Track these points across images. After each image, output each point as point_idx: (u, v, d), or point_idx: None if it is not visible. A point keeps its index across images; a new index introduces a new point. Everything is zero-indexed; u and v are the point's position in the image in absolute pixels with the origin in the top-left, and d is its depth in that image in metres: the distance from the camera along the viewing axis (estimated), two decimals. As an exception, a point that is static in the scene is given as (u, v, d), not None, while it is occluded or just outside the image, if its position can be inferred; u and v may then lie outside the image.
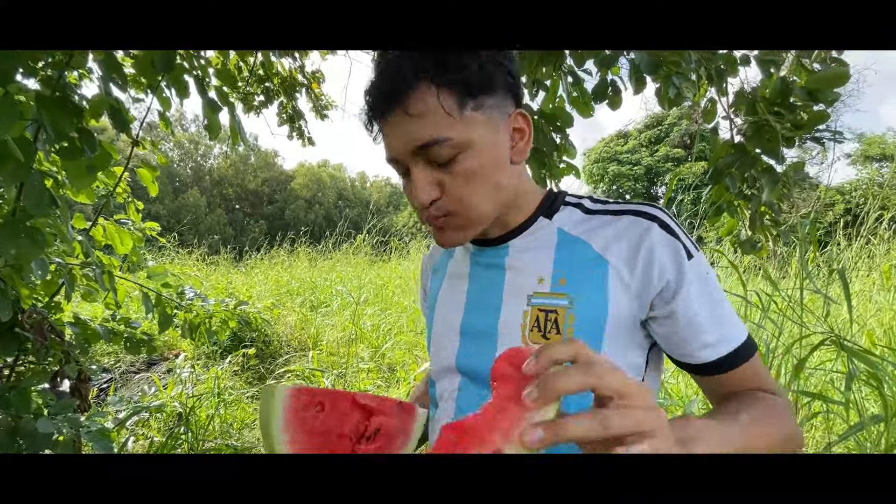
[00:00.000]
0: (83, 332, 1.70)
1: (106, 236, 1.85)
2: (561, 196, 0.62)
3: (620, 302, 0.53)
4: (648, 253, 0.52)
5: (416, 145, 0.50)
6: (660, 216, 0.55)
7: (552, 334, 0.54)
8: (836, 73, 1.18)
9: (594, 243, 0.56)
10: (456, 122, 0.50)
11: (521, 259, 0.59)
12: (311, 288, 4.81)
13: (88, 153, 0.94)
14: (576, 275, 0.55)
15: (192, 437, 1.87)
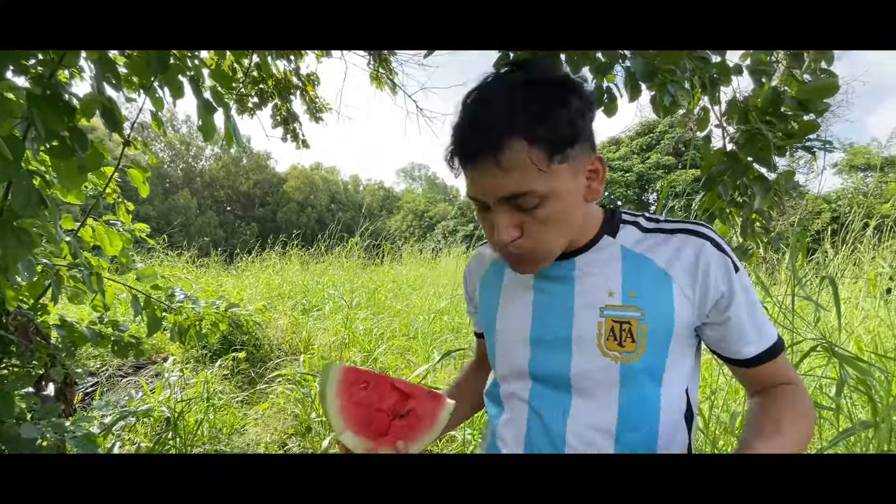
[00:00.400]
0: (69, 335, 1.67)
1: (95, 237, 1.82)
2: (619, 215, 0.67)
3: (683, 312, 0.60)
4: (706, 268, 0.59)
5: (502, 195, 0.54)
6: (711, 235, 0.62)
7: (627, 342, 0.60)
8: (825, 84, 1.20)
9: (657, 259, 0.62)
10: (542, 174, 0.53)
11: (589, 275, 0.64)
12: (303, 291, 4.77)
13: (79, 153, 0.92)
14: (644, 288, 0.61)
15: (181, 442, 1.84)
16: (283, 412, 2.36)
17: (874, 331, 1.91)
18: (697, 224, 0.63)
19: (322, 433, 2.08)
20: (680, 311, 0.60)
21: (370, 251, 6.75)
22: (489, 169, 0.53)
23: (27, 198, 0.96)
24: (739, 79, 1.29)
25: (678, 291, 0.60)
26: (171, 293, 1.97)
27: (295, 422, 2.22)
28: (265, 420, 2.30)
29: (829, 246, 2.41)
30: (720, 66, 1.21)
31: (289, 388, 2.38)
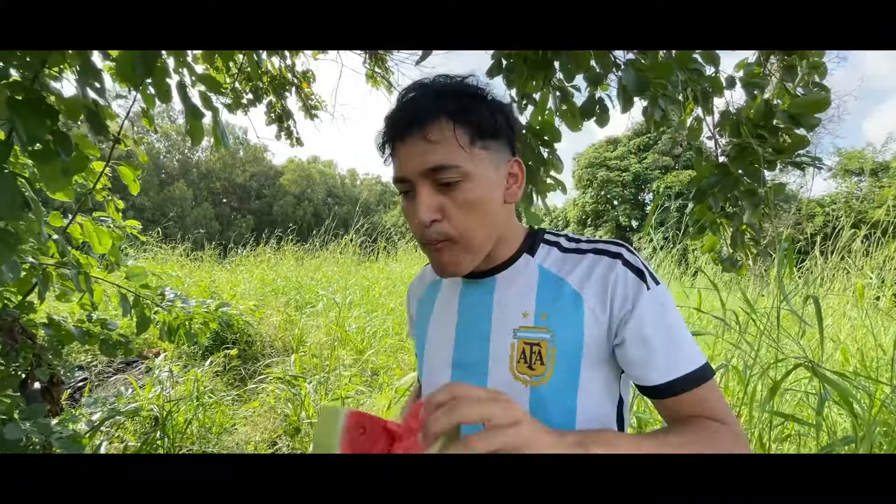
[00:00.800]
0: (56, 334, 1.65)
1: (84, 234, 1.81)
2: (540, 234, 0.68)
3: (593, 333, 0.59)
4: (613, 287, 0.59)
5: (427, 167, 0.56)
6: (623, 253, 0.61)
7: (537, 365, 0.60)
8: (817, 99, 1.20)
9: (572, 281, 0.61)
10: (465, 154, 0.56)
11: (506, 295, 0.64)
12: (297, 287, 4.76)
13: (63, 156, 0.91)
14: (556, 310, 0.61)
15: (169, 442, 1.83)
16: (272, 411, 2.36)
17: (861, 341, 1.92)
18: (613, 243, 0.64)
19: (311, 434, 2.08)
20: (590, 332, 0.59)
21: (365, 247, 6.74)
22: (416, 143, 0.56)
23: (11, 200, 0.94)
24: (732, 92, 1.30)
25: (589, 313, 0.59)
26: (161, 292, 1.96)
27: (284, 422, 2.22)
28: (255, 419, 2.30)
29: (819, 253, 2.43)
30: (713, 81, 1.21)
31: (279, 388, 2.38)
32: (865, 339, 1.81)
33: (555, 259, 0.64)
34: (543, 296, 0.62)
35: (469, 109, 0.57)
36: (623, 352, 0.59)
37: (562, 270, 0.63)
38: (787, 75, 1.35)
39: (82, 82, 0.84)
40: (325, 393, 2.36)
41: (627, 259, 0.60)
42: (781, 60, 1.35)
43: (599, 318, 0.59)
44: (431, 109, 0.57)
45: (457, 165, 0.56)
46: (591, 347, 0.59)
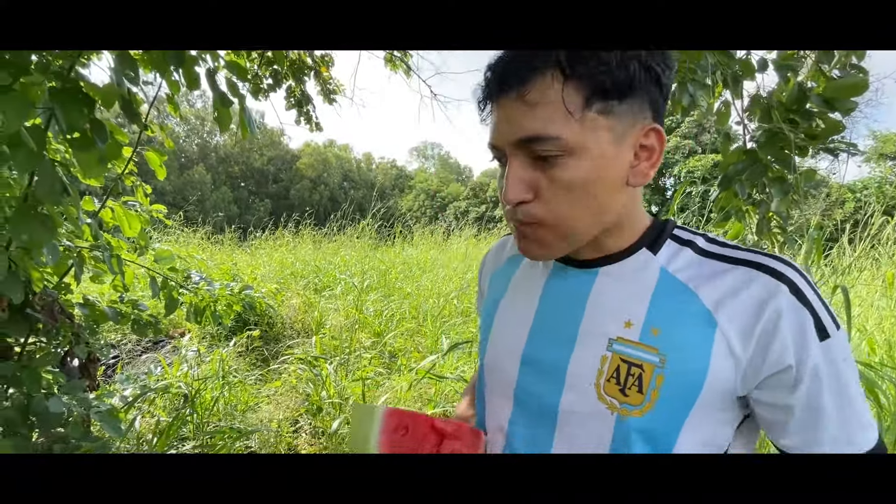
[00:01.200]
0: (92, 314, 1.73)
1: (114, 218, 1.87)
2: (669, 227, 0.52)
3: (721, 374, 0.44)
4: (771, 325, 0.42)
5: (519, 137, 0.45)
6: (792, 277, 0.44)
7: (632, 391, 0.46)
8: (854, 82, 1.15)
9: (703, 296, 0.46)
10: (573, 121, 0.43)
11: (609, 293, 0.51)
12: (315, 271, 4.84)
13: (100, 144, 0.94)
14: (674, 329, 0.46)
15: (198, 418, 1.92)
16: (294, 391, 2.43)
17: (889, 330, 1.88)
18: (775, 257, 0.46)
19: (332, 413, 2.15)
20: (717, 370, 0.44)
21: (382, 230, 6.79)
22: (512, 104, 0.45)
23: (51, 186, 0.98)
24: (764, 75, 1.25)
25: (721, 344, 0.44)
26: (188, 275, 2.03)
27: (306, 401, 2.30)
28: (278, 398, 2.38)
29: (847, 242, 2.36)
30: (744, 64, 1.17)
31: (301, 368, 2.45)
32: (894, 329, 1.77)
33: (685, 263, 0.49)
34: (660, 306, 0.47)
35: (590, 59, 0.43)
36: (772, 415, 0.45)
37: (692, 280, 0.47)
38: (823, 57, 1.29)
39: (118, 71, 0.86)
40: (345, 374, 2.42)
41: (798, 286, 0.43)
42: (817, 41, 1.30)
43: (736, 354, 0.44)
44: (538, 59, 0.43)
45: (556, 137, 0.43)
46: (712, 387, 0.45)
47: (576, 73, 0.43)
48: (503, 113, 0.46)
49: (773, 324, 0.42)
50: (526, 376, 0.54)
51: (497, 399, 0.58)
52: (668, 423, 0.46)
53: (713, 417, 0.46)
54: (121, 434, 1.40)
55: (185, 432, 1.92)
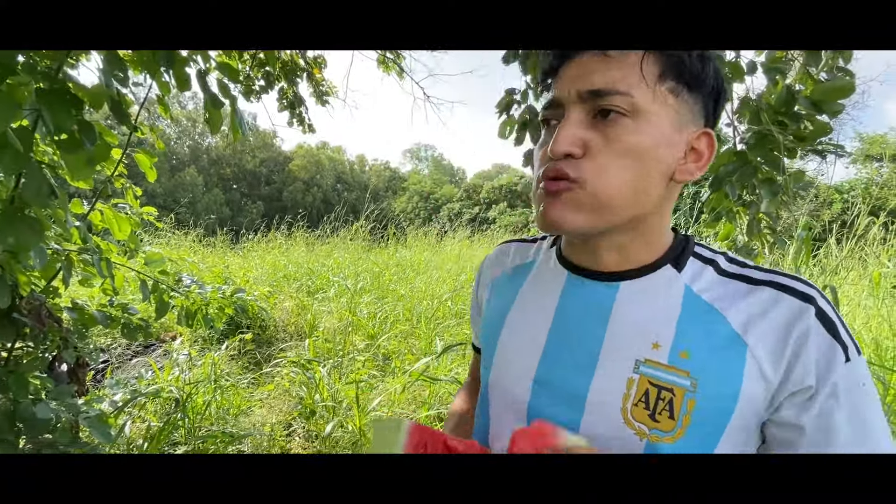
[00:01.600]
0: (80, 318, 1.71)
1: (104, 221, 1.85)
2: (690, 245, 0.51)
3: (753, 398, 0.43)
4: (798, 347, 0.42)
5: (589, 87, 0.44)
6: (817, 299, 0.44)
7: (663, 416, 0.44)
8: (841, 85, 1.17)
9: (731, 317, 0.45)
10: (645, 88, 0.43)
11: (632, 311, 0.48)
12: (309, 273, 4.82)
13: (88, 145, 0.93)
14: (704, 353, 0.44)
15: (189, 422, 1.90)
16: (287, 394, 2.41)
17: (875, 330, 1.91)
18: (797, 279, 0.45)
19: (326, 417, 2.14)
20: (748, 394, 0.43)
21: (375, 233, 6.78)
22: (589, 60, 0.45)
23: (38, 188, 0.97)
24: (753, 78, 1.27)
25: (752, 366, 0.43)
26: (179, 278, 2.01)
27: (299, 405, 2.28)
28: (271, 402, 2.36)
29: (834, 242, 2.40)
30: (733, 66, 1.19)
31: (294, 372, 2.44)
32: (881, 328, 1.80)
33: (709, 283, 0.48)
34: (688, 328, 0.46)
35: None
36: (789, 434, 0.43)
37: (718, 300, 0.46)
38: (810, 60, 1.31)
39: (107, 72, 0.85)
40: (339, 377, 2.41)
41: (822, 308, 0.43)
42: (805, 44, 1.32)
43: (767, 377, 0.43)
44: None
45: (627, 93, 0.43)
46: (743, 412, 0.43)
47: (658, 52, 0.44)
48: (576, 68, 0.46)
49: (800, 345, 0.42)
50: (539, 398, 0.51)
51: (506, 417, 0.55)
52: (700, 449, 0.44)
53: (742, 443, 0.45)
54: (110, 440, 1.38)
55: (177, 437, 1.90)
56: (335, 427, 1.99)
